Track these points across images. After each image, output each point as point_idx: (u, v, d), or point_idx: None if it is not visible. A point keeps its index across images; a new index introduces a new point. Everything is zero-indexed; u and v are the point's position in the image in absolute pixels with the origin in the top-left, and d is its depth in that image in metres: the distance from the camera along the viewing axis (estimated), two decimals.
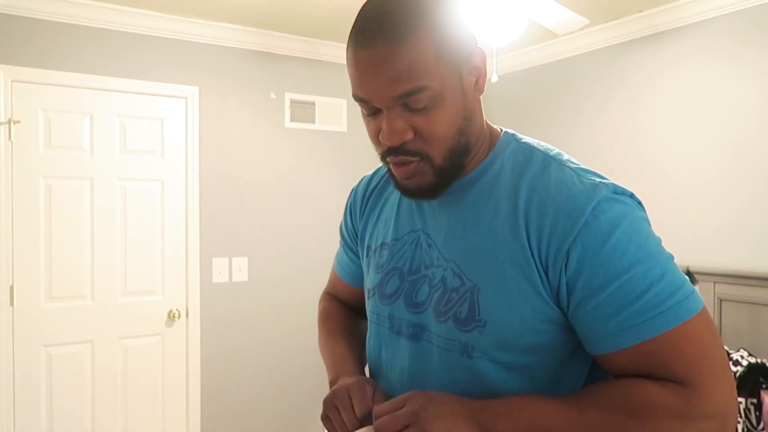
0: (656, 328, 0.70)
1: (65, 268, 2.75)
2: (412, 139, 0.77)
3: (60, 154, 2.74)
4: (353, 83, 0.77)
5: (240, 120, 3.18)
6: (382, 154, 0.81)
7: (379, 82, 0.74)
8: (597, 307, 0.72)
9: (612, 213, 0.72)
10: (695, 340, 0.71)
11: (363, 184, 1.06)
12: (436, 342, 0.83)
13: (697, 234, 2.69)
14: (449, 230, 0.85)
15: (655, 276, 0.71)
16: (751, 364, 2.21)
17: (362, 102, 0.78)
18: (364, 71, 0.75)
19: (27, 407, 2.67)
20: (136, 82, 2.89)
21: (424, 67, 0.73)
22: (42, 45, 2.70)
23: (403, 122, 0.76)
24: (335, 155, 3.45)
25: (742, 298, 2.49)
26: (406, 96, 0.74)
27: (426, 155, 0.78)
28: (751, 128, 2.52)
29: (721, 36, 2.62)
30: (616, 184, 0.77)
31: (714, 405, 0.71)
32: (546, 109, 3.44)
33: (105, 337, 2.83)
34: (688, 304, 0.71)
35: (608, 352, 0.73)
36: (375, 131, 0.79)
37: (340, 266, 1.13)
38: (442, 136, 0.77)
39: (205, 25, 3.01)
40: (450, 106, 0.76)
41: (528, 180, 0.79)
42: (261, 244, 3.23)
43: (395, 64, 0.72)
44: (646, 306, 0.70)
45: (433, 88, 0.74)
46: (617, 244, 0.71)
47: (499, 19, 2.07)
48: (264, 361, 3.23)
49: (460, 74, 0.77)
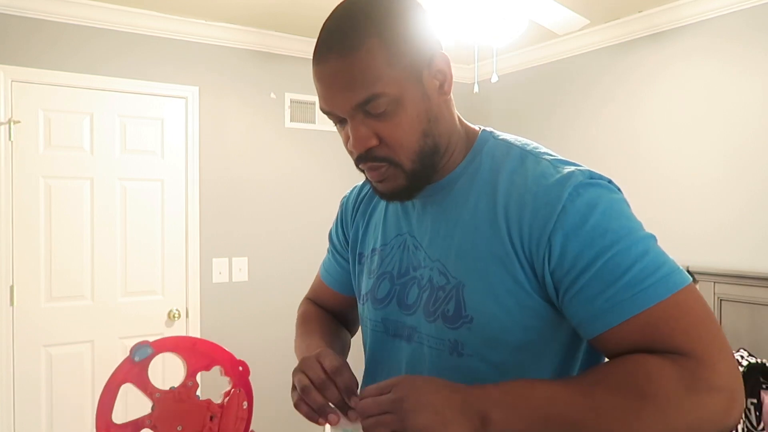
0: (646, 300, 0.69)
1: (65, 268, 2.75)
2: (378, 145, 0.79)
3: (60, 154, 2.74)
4: (318, 95, 0.81)
5: (240, 120, 3.18)
6: (355, 161, 0.83)
7: (336, 94, 0.77)
8: (584, 288, 0.71)
9: (588, 195, 0.73)
10: (688, 310, 0.70)
11: (353, 194, 1.07)
12: (427, 342, 0.84)
13: (697, 234, 2.69)
14: (433, 231, 0.86)
15: (638, 252, 0.70)
16: (751, 364, 2.21)
17: (328, 114, 0.81)
18: (323, 85, 0.78)
19: (27, 407, 2.66)
20: (136, 82, 2.89)
21: (376, 74, 0.75)
22: (42, 45, 2.70)
23: (366, 129, 0.78)
24: (335, 155, 3.45)
25: (742, 298, 2.49)
26: (364, 104, 0.76)
27: (393, 161, 0.80)
28: (751, 128, 2.52)
29: (721, 36, 2.62)
30: (592, 170, 0.77)
31: (719, 376, 0.67)
32: (546, 109, 3.44)
33: (105, 337, 2.83)
34: (675, 276, 0.70)
35: (602, 332, 0.71)
36: (345, 140, 0.82)
37: (326, 273, 1.14)
38: (405, 141, 0.79)
39: (205, 25, 3.01)
40: (411, 110, 0.78)
41: (506, 175, 0.81)
42: (261, 244, 3.23)
43: (347, 74, 0.75)
44: (633, 280, 0.69)
45: (389, 94, 0.76)
46: (597, 223, 0.71)
47: (499, 19, 2.07)
48: (264, 361, 3.23)
49: (420, 78, 0.78)
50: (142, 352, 0.82)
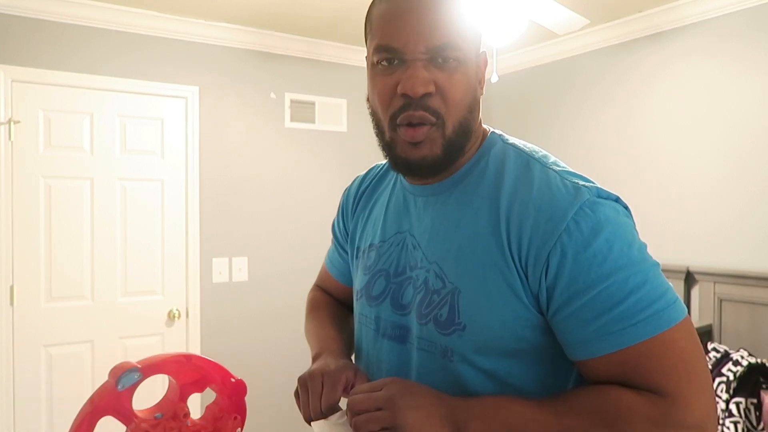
0: (634, 336, 0.69)
1: (65, 268, 2.75)
2: (433, 94, 0.76)
3: (60, 154, 2.74)
4: (382, 34, 0.77)
5: (240, 120, 3.18)
6: (395, 112, 0.78)
7: (419, 29, 0.75)
8: (575, 312, 0.71)
9: (594, 219, 0.71)
10: (675, 350, 0.69)
11: (355, 185, 1.06)
12: (418, 344, 0.83)
13: (697, 234, 2.69)
14: (433, 231, 0.85)
15: (635, 284, 0.69)
16: (751, 364, 2.21)
17: (388, 52, 0.77)
18: (404, 15, 0.76)
19: (27, 407, 2.66)
20: (136, 82, 2.89)
21: (460, 26, 0.77)
22: (42, 45, 2.70)
23: (428, 74, 0.76)
24: (335, 155, 3.45)
25: (742, 298, 2.49)
26: (441, 49, 0.76)
27: (441, 118, 0.77)
28: (751, 128, 2.52)
29: (721, 36, 2.62)
30: (600, 187, 0.76)
31: (692, 416, 0.69)
32: (546, 109, 3.44)
33: (105, 337, 2.83)
34: (668, 313, 0.70)
35: (586, 359, 0.72)
36: (392, 85, 0.77)
37: (330, 263, 1.14)
38: (458, 100, 0.78)
39: (205, 25, 3.01)
40: (469, 78, 0.80)
41: (511, 181, 0.79)
42: (261, 244, 3.24)
43: (438, 13, 0.76)
44: (624, 314, 0.69)
45: (462, 49, 0.77)
46: (598, 251, 0.70)
47: (499, 19, 2.07)
48: (264, 361, 3.23)
49: (476, 56, 0.82)
50: (127, 379, 0.71)
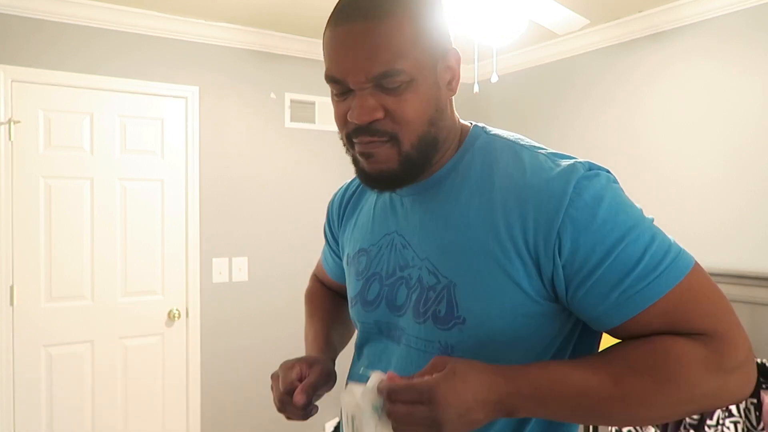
0: (661, 288, 0.70)
1: (65, 268, 2.75)
2: (382, 119, 0.75)
3: (60, 154, 2.74)
4: (329, 63, 0.77)
5: (240, 120, 3.18)
6: (348, 135, 0.79)
7: (356, 60, 0.73)
8: (598, 282, 0.71)
9: (593, 188, 0.73)
10: (701, 290, 0.72)
11: (340, 194, 1.08)
12: (415, 345, 0.82)
13: (697, 234, 2.69)
14: (422, 228, 0.84)
15: (646, 240, 0.71)
16: None
17: (334, 83, 0.77)
18: (341, 49, 0.74)
19: (27, 407, 2.66)
20: (136, 82, 2.89)
21: (401, 49, 0.73)
22: (42, 45, 2.69)
23: (374, 101, 0.75)
24: (335, 155, 3.45)
25: (742, 298, 2.48)
26: (381, 77, 0.73)
27: (395, 137, 0.76)
28: (751, 128, 2.52)
29: (721, 36, 2.62)
30: (590, 161, 0.77)
31: (742, 352, 0.70)
32: (546, 109, 3.44)
33: (105, 337, 2.83)
34: (682, 259, 0.72)
35: (620, 323, 0.72)
36: (343, 111, 0.78)
37: (325, 261, 1.19)
38: (412, 119, 0.76)
39: (205, 25, 3.01)
40: (423, 94, 0.76)
41: (501, 170, 0.79)
42: (261, 244, 3.23)
43: (373, 41, 0.72)
44: (645, 270, 0.70)
45: (407, 72, 0.74)
46: (606, 217, 0.71)
47: (499, 19, 2.07)
48: (264, 360, 3.23)
49: (435, 67, 0.78)
50: None
